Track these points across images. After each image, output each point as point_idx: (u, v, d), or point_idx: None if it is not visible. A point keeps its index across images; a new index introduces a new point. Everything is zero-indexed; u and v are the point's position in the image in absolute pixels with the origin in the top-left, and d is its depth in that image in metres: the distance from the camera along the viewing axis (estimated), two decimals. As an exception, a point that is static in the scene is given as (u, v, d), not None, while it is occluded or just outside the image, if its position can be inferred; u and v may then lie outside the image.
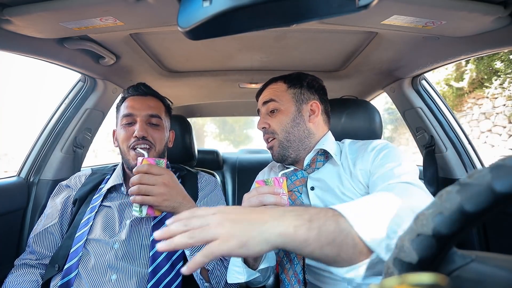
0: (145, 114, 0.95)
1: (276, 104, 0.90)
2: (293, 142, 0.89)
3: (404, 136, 9.87)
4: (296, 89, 0.91)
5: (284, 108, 0.90)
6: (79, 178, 1.05)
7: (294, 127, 0.89)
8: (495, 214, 0.27)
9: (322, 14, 0.41)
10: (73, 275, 0.82)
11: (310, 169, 0.89)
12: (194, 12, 0.40)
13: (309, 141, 0.90)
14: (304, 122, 0.90)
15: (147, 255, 0.86)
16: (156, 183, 0.76)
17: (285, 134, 0.89)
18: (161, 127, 0.99)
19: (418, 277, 0.24)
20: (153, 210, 0.78)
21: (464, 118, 7.72)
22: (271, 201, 0.64)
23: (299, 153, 0.90)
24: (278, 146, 0.90)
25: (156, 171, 0.77)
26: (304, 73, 0.95)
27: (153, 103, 1.00)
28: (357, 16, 0.78)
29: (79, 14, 0.71)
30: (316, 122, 0.91)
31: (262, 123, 0.93)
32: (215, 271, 0.84)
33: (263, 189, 0.66)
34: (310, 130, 0.90)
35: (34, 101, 31.16)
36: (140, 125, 0.93)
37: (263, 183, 0.69)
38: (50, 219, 0.96)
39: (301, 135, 0.89)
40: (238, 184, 1.81)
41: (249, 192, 0.68)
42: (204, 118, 12.73)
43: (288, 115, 0.89)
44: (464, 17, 0.73)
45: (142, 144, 0.92)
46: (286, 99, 0.90)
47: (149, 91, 1.02)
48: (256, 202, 0.65)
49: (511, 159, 0.26)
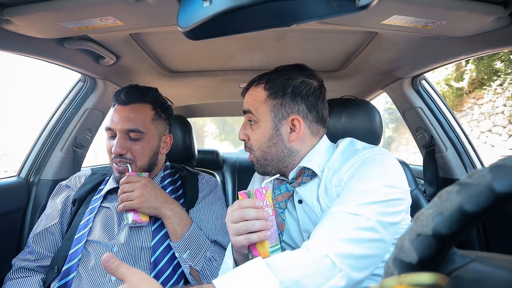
0: (122, 129, 0.89)
1: (253, 117, 0.80)
2: (271, 161, 0.80)
3: (404, 136, 9.87)
4: (277, 100, 0.77)
5: (261, 123, 0.79)
6: (79, 178, 1.05)
7: (271, 147, 0.78)
8: (495, 214, 0.27)
9: (322, 14, 0.41)
10: (71, 276, 0.82)
11: (295, 183, 0.81)
12: (194, 12, 0.40)
13: (290, 159, 0.80)
14: (283, 141, 0.78)
15: (148, 258, 0.86)
16: (134, 188, 0.84)
17: (261, 153, 0.80)
18: (144, 140, 0.92)
19: (418, 277, 0.24)
20: (138, 216, 0.85)
21: (464, 118, 7.72)
22: (252, 216, 0.63)
23: (281, 170, 0.82)
24: (257, 163, 0.83)
25: (134, 179, 0.86)
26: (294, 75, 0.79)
27: (134, 114, 0.91)
28: (357, 16, 0.77)
29: (79, 14, 0.71)
30: (300, 138, 0.79)
31: (242, 134, 0.85)
32: (205, 270, 0.84)
33: (244, 203, 0.64)
34: (291, 149, 0.79)
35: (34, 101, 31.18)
36: (117, 142, 0.88)
37: (245, 195, 0.66)
38: (50, 219, 0.96)
39: (279, 155, 0.79)
40: (238, 184, 1.81)
41: (232, 205, 0.67)
42: (204, 118, 12.74)
43: (263, 134, 0.79)
44: (464, 17, 0.73)
45: (119, 163, 0.90)
46: (263, 112, 0.78)
47: (129, 99, 0.92)
48: (238, 217, 0.63)
49: (511, 159, 0.26)
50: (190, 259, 0.83)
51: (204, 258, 0.85)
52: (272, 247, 0.65)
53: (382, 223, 0.61)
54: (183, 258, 0.84)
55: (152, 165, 0.97)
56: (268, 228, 0.63)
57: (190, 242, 0.85)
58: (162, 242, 0.87)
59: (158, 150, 0.99)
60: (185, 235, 0.85)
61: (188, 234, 0.85)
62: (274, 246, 0.65)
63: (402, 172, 0.70)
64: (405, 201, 0.67)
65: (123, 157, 0.90)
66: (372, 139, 1.12)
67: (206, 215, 0.97)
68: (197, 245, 0.86)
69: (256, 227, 0.62)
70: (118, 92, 0.95)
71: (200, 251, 0.85)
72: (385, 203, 0.63)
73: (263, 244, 0.64)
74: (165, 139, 1.03)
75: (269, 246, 0.64)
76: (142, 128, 0.91)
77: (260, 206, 0.64)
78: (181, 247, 0.84)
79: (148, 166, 0.95)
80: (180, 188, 1.03)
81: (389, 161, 0.70)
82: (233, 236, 0.65)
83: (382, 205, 0.62)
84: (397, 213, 0.64)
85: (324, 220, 0.65)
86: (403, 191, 0.67)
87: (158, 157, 1.00)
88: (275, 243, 0.66)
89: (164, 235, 0.88)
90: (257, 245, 0.65)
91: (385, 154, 0.72)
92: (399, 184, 0.67)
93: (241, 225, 0.63)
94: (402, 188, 0.67)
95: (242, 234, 0.63)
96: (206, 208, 0.99)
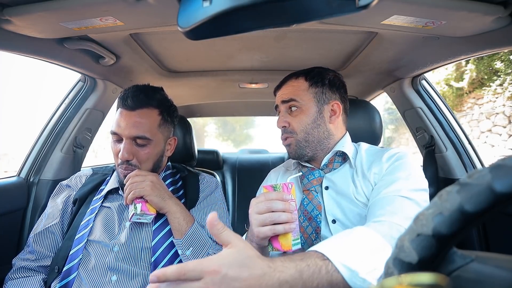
0: (129, 136, 0.88)
1: (297, 103, 0.88)
2: (312, 142, 0.88)
3: (404, 136, 9.87)
4: (318, 88, 0.89)
5: (305, 108, 0.88)
6: (79, 178, 1.05)
7: (315, 129, 0.87)
8: (495, 214, 0.27)
9: (322, 14, 0.41)
10: (72, 276, 0.82)
11: (327, 169, 0.89)
12: (194, 12, 0.40)
13: (328, 142, 0.89)
14: (325, 123, 0.88)
15: (149, 258, 0.86)
16: (145, 178, 0.87)
17: (304, 135, 0.88)
18: (150, 146, 0.92)
19: (418, 277, 0.24)
20: (146, 206, 0.85)
21: (464, 118, 7.72)
22: (279, 208, 0.64)
23: (317, 153, 0.90)
24: (295, 145, 0.89)
25: (145, 173, 0.89)
26: (326, 69, 0.93)
27: (142, 119, 0.89)
28: (357, 16, 0.77)
29: (79, 14, 0.71)
30: (336, 123, 0.90)
31: (282, 121, 0.90)
32: None
33: (271, 195, 0.66)
34: (330, 131, 0.89)
35: (34, 101, 31.18)
36: (124, 148, 0.88)
37: (271, 188, 0.68)
38: (51, 218, 0.96)
39: (320, 136, 0.88)
40: (238, 184, 1.81)
41: (257, 197, 0.68)
42: (204, 118, 12.73)
43: (309, 116, 0.87)
44: (464, 17, 0.73)
45: (126, 169, 0.90)
46: (307, 98, 0.88)
47: (136, 104, 0.90)
48: (264, 208, 0.65)
49: (511, 159, 0.26)
50: (193, 256, 0.84)
51: (207, 255, 0.85)
52: (294, 240, 0.66)
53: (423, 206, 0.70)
54: (186, 255, 0.84)
55: (156, 168, 0.98)
56: (293, 221, 0.65)
57: (193, 238, 0.85)
58: (163, 242, 0.87)
59: (163, 153, 1.00)
60: (189, 231, 0.85)
61: (192, 230, 0.86)
62: (296, 239, 0.67)
63: None
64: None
65: (129, 163, 0.90)
66: (372, 139, 1.12)
67: (207, 214, 0.97)
68: (200, 241, 0.86)
69: (282, 219, 0.64)
70: (124, 96, 0.91)
71: (203, 248, 0.86)
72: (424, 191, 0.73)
73: (286, 236, 0.66)
74: (170, 141, 1.02)
75: (292, 239, 0.66)
76: (149, 134, 0.90)
77: (287, 199, 0.66)
78: (185, 244, 0.84)
79: (152, 169, 0.95)
80: (181, 189, 1.04)
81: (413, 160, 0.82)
82: (258, 227, 0.66)
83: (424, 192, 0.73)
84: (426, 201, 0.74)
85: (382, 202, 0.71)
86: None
87: (162, 159, 1.01)
88: (296, 237, 0.67)
89: (165, 235, 0.88)
90: (280, 238, 0.66)
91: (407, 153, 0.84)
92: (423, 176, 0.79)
93: (267, 216, 0.64)
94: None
95: (267, 225, 0.65)
96: (208, 208, 0.99)
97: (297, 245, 0.67)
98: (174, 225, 0.86)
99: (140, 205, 0.85)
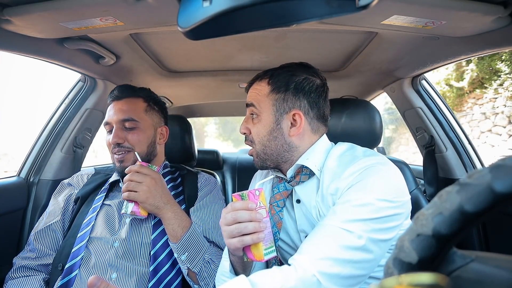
0: (117, 120, 0.95)
1: (255, 110, 0.80)
2: (271, 155, 0.80)
3: (404, 136, 9.86)
4: (280, 94, 0.78)
5: (263, 117, 0.79)
6: (81, 177, 1.06)
7: (271, 141, 0.78)
8: (495, 214, 0.27)
9: (322, 14, 0.41)
10: (73, 274, 0.82)
11: (294, 182, 0.80)
12: (194, 12, 0.40)
13: (290, 155, 0.79)
14: (283, 135, 0.78)
15: (147, 254, 0.86)
16: (143, 181, 0.84)
17: (261, 147, 0.80)
18: (139, 129, 0.97)
19: (418, 277, 0.24)
20: (138, 209, 0.85)
21: (464, 118, 7.72)
22: (245, 218, 0.62)
23: (280, 165, 0.82)
24: (256, 157, 0.82)
25: (146, 171, 0.86)
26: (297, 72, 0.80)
27: (127, 105, 0.97)
28: (357, 16, 0.77)
29: (79, 14, 0.71)
30: (300, 134, 0.79)
31: (243, 127, 0.84)
32: (202, 272, 0.84)
33: (237, 205, 0.64)
34: (290, 144, 0.79)
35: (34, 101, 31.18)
36: (114, 132, 0.93)
37: (239, 197, 0.65)
38: (52, 216, 0.96)
39: (279, 149, 0.79)
40: (238, 184, 1.81)
41: (226, 208, 0.66)
42: (204, 118, 12.73)
43: (265, 127, 0.79)
44: (464, 17, 0.73)
45: (118, 152, 0.94)
46: (266, 105, 0.79)
47: (123, 94, 0.99)
48: (231, 219, 0.63)
49: (511, 159, 0.26)
50: (188, 261, 0.83)
51: (202, 260, 0.85)
52: (267, 249, 0.64)
53: (374, 241, 0.61)
54: (181, 260, 0.84)
55: (150, 155, 1.00)
56: (261, 230, 0.63)
57: (189, 243, 0.85)
58: (162, 236, 0.88)
59: (155, 140, 1.03)
60: (184, 237, 0.85)
61: (187, 235, 0.85)
62: (269, 248, 0.65)
63: (402, 182, 0.69)
64: (401, 215, 0.66)
65: (121, 146, 0.94)
66: (372, 139, 1.12)
67: (205, 214, 0.97)
68: (195, 246, 0.86)
69: (249, 229, 0.62)
70: (112, 90, 1.01)
71: (199, 253, 0.85)
72: (380, 220, 0.62)
73: (257, 246, 0.63)
74: (161, 130, 1.06)
75: (264, 248, 0.63)
76: (136, 117, 0.96)
77: (253, 208, 0.63)
78: (180, 248, 0.84)
79: (146, 154, 0.98)
80: (180, 185, 1.04)
81: (389, 172, 0.69)
82: (227, 239, 0.64)
83: (376, 222, 0.62)
84: (391, 228, 0.64)
85: (315, 233, 0.65)
86: (401, 204, 0.66)
87: (156, 147, 1.03)
88: (269, 245, 0.65)
89: (164, 229, 0.89)
90: (252, 247, 0.64)
91: (385, 164, 0.71)
92: (398, 197, 0.65)
93: (234, 228, 0.62)
94: (400, 201, 0.66)
95: (236, 236, 0.63)
96: (206, 207, 0.99)
97: (270, 254, 0.65)
98: (168, 230, 0.86)
99: (132, 205, 0.85)
